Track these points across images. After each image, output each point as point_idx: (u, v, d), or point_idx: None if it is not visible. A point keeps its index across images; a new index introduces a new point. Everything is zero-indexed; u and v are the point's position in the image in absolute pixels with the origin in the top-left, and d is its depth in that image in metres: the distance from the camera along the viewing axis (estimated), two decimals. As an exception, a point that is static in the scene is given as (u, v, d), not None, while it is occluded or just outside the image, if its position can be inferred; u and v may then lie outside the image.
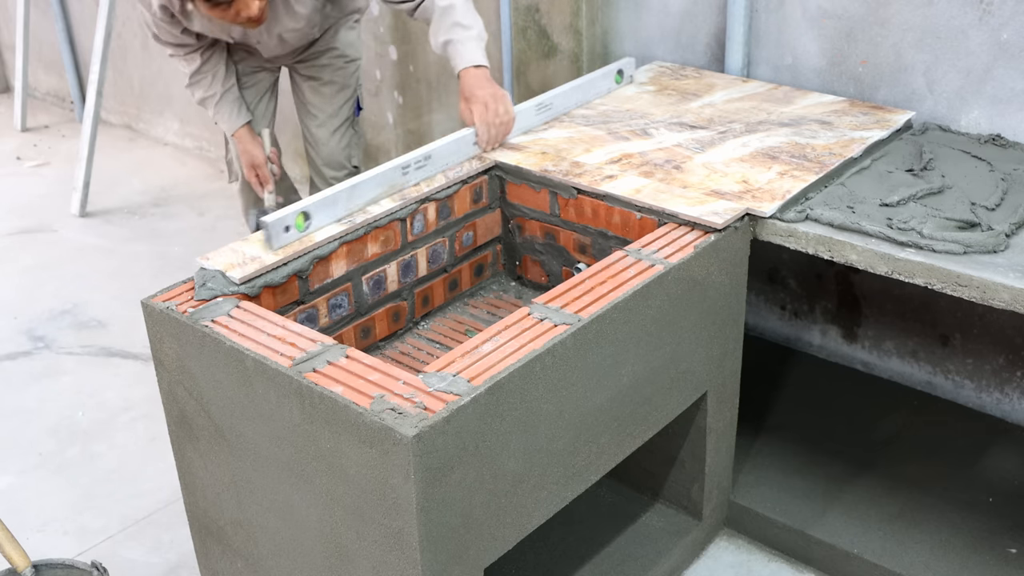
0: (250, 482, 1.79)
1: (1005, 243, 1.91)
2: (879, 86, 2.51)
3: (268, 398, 1.65)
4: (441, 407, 1.50)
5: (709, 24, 2.76)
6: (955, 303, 2.52)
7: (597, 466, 1.85)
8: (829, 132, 2.34)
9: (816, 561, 2.25)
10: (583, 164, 2.24)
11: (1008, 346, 2.49)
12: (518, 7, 3.13)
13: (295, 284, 1.95)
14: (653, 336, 1.87)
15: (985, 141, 2.33)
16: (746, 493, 2.35)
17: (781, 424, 2.55)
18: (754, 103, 2.52)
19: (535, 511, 1.74)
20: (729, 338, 2.11)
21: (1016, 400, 2.53)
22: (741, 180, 2.15)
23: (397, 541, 1.56)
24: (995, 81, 2.34)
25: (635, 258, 1.89)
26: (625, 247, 1.93)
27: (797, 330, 2.87)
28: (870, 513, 2.27)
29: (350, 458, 1.56)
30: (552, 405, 1.69)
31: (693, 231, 1.98)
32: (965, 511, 2.26)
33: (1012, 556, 2.14)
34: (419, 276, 2.21)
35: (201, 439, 1.84)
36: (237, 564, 1.94)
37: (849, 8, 2.49)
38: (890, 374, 2.72)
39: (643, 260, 1.88)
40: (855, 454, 2.44)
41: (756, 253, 2.10)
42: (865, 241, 1.95)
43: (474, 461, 1.57)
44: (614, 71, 2.65)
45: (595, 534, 2.27)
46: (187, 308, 1.78)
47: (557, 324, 1.69)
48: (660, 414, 1.98)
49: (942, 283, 1.86)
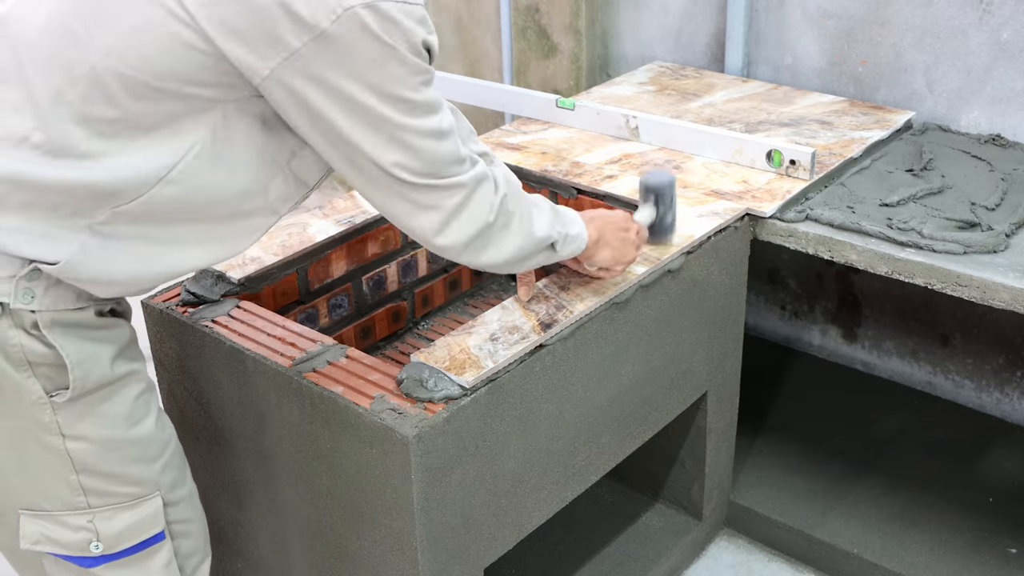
0: (250, 482, 1.79)
1: (1005, 243, 1.91)
2: (879, 86, 2.51)
3: (268, 398, 1.65)
4: (441, 407, 1.50)
5: (709, 24, 2.76)
6: (955, 303, 2.52)
7: (597, 466, 1.85)
8: (829, 132, 2.34)
9: (816, 561, 2.25)
10: (583, 164, 2.24)
11: (1008, 346, 2.49)
12: (518, 7, 3.13)
13: (295, 284, 1.95)
14: (653, 336, 1.87)
15: (985, 141, 2.33)
16: (746, 493, 2.35)
17: (781, 424, 2.55)
18: (754, 103, 2.52)
19: (535, 511, 1.74)
20: (729, 338, 2.11)
21: (1016, 400, 2.53)
22: (741, 180, 2.15)
23: (397, 541, 1.56)
24: (995, 81, 2.34)
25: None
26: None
27: (797, 330, 2.87)
28: (870, 513, 2.27)
29: (350, 458, 1.56)
30: (552, 405, 1.69)
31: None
32: (965, 511, 2.26)
33: (1012, 556, 2.14)
34: (419, 276, 2.21)
35: (201, 439, 1.84)
36: (237, 564, 1.94)
37: (849, 8, 2.49)
38: (890, 374, 2.72)
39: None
40: (855, 454, 2.44)
41: (756, 253, 2.10)
42: (865, 241, 1.95)
43: (474, 461, 1.57)
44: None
45: (595, 534, 2.27)
46: (187, 308, 1.78)
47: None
48: (660, 414, 1.98)
49: (942, 283, 1.86)
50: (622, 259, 1.73)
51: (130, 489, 1.43)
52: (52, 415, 1.34)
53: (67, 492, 1.39)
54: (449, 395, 1.52)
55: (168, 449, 1.48)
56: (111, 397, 1.39)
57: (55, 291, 1.31)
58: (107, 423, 1.39)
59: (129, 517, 1.43)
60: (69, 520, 1.41)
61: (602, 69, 3.07)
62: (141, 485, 1.44)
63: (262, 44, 1.19)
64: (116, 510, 1.42)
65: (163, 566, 1.49)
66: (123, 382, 1.40)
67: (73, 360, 1.32)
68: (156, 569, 1.49)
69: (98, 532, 1.42)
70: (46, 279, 1.30)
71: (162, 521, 1.46)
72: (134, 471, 1.42)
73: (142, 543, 1.46)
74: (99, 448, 1.39)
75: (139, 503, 1.44)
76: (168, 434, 1.50)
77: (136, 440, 1.42)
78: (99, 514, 1.41)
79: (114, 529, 1.42)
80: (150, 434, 1.44)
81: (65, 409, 1.35)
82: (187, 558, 1.55)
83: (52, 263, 1.27)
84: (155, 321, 1.81)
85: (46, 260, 1.27)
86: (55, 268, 1.27)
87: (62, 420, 1.35)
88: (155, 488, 1.45)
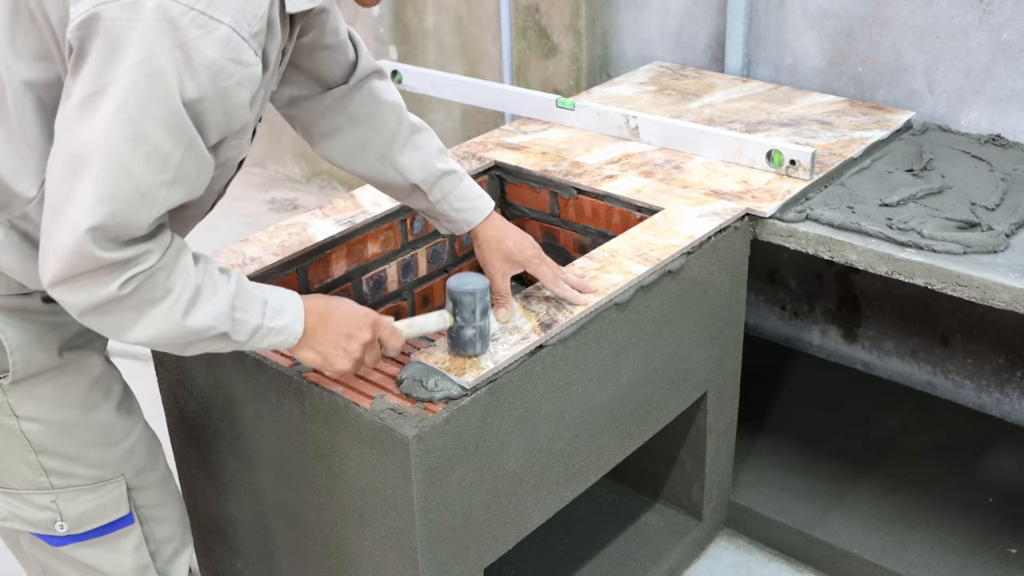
0: (250, 482, 1.79)
1: (1005, 243, 1.91)
2: (879, 86, 2.51)
3: (268, 398, 1.65)
4: (441, 407, 1.50)
5: (709, 24, 2.76)
6: (955, 303, 2.52)
7: (597, 466, 1.85)
8: (829, 132, 2.34)
9: (816, 561, 2.25)
10: (583, 164, 2.25)
11: (1008, 346, 2.49)
12: (518, 7, 3.13)
13: (295, 284, 1.95)
14: (653, 336, 1.87)
15: (985, 141, 2.33)
16: (746, 493, 2.35)
17: (781, 424, 2.56)
18: (754, 103, 2.52)
19: (535, 511, 1.74)
20: (729, 338, 2.11)
21: (1016, 400, 2.53)
22: (741, 180, 2.15)
23: (397, 541, 1.56)
24: (995, 81, 2.34)
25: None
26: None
27: (797, 330, 2.87)
28: (870, 513, 2.27)
29: (350, 458, 1.56)
30: (552, 405, 1.69)
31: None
32: (965, 511, 2.26)
33: (1012, 556, 2.15)
34: (419, 276, 2.21)
35: (201, 439, 1.84)
36: (237, 564, 1.94)
37: (849, 8, 2.49)
38: (890, 374, 2.72)
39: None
40: (855, 454, 2.44)
41: (756, 253, 2.10)
42: (865, 241, 1.95)
43: (474, 461, 1.57)
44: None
45: (595, 534, 2.27)
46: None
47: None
48: (660, 414, 1.98)
49: (942, 283, 1.86)
50: (326, 366, 1.45)
51: (91, 472, 1.46)
52: (3, 396, 1.39)
53: (29, 472, 1.43)
54: (449, 395, 1.52)
55: (132, 435, 1.51)
56: (61, 380, 1.42)
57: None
58: (59, 405, 1.42)
59: (92, 499, 1.47)
60: (34, 499, 1.45)
61: (602, 69, 3.07)
62: (102, 468, 1.47)
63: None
64: (78, 491, 1.46)
65: (133, 549, 1.52)
66: (76, 367, 1.43)
67: (12, 344, 1.36)
68: (126, 552, 1.52)
69: (61, 512, 1.45)
70: None
71: (127, 505, 1.50)
72: (93, 454, 1.46)
73: (108, 525, 1.49)
74: (53, 430, 1.42)
75: (101, 486, 1.47)
76: (133, 420, 1.53)
77: (93, 424, 1.46)
78: (62, 494, 1.45)
79: (77, 510, 1.46)
80: (109, 419, 1.48)
81: (14, 391, 1.39)
82: (162, 544, 1.58)
83: None
84: (155, 321, 1.81)
85: None
86: None
87: (12, 401, 1.39)
88: (117, 472, 1.48)
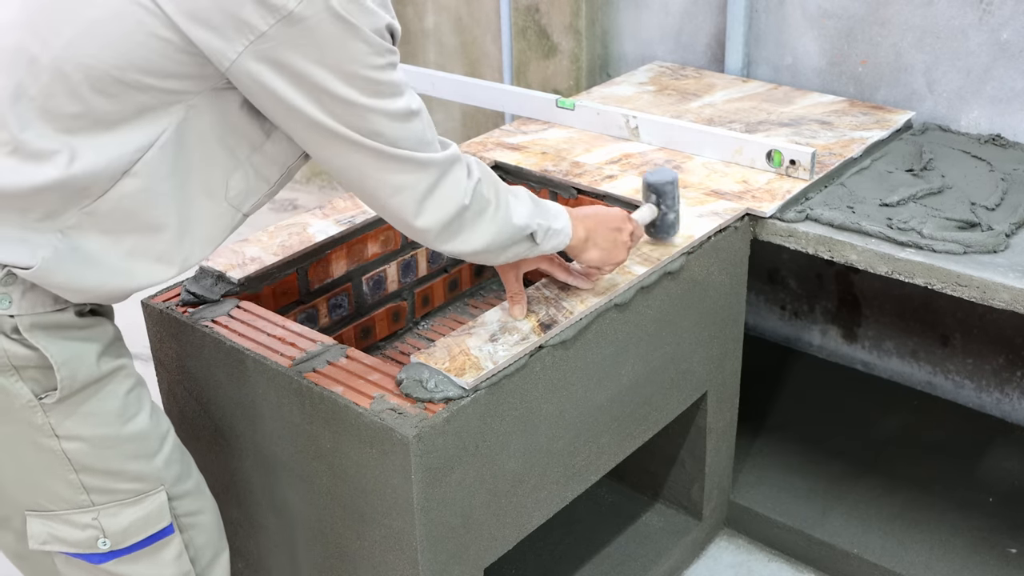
0: (250, 482, 1.79)
1: (1005, 243, 1.91)
2: (879, 86, 2.51)
3: (268, 398, 1.65)
4: (441, 407, 1.50)
5: (709, 24, 2.76)
6: (955, 303, 2.52)
7: (597, 466, 1.85)
8: (829, 132, 2.34)
9: (816, 561, 2.25)
10: (583, 164, 2.25)
11: (1008, 346, 2.49)
12: (518, 7, 3.13)
13: (295, 284, 1.95)
14: (653, 336, 1.87)
15: (985, 141, 2.33)
16: (746, 493, 2.35)
17: (781, 424, 2.56)
18: (754, 103, 2.52)
19: (535, 511, 1.74)
20: (729, 338, 2.11)
21: (1016, 400, 2.53)
22: (741, 180, 2.15)
23: (397, 541, 1.56)
24: (995, 81, 2.34)
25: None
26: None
27: (797, 330, 2.87)
28: (870, 513, 2.27)
29: (350, 458, 1.56)
30: (552, 405, 1.69)
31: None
32: (965, 511, 2.26)
33: (1012, 556, 2.15)
34: (419, 276, 2.21)
35: (201, 439, 1.84)
36: (237, 564, 1.94)
37: (849, 8, 2.49)
38: (890, 374, 2.72)
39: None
40: (855, 454, 2.44)
41: (756, 253, 2.10)
42: (865, 241, 1.95)
43: (474, 461, 1.57)
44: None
45: (595, 534, 2.27)
46: (187, 308, 1.78)
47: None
48: (660, 414, 1.98)
49: (942, 283, 1.86)
50: (610, 260, 1.69)
51: (132, 485, 1.42)
52: (44, 417, 1.34)
53: (69, 491, 1.39)
54: (449, 396, 1.52)
55: (167, 443, 1.48)
56: (101, 394, 1.39)
57: (32, 295, 1.30)
58: (100, 421, 1.39)
59: (134, 513, 1.43)
60: (74, 519, 1.41)
61: (602, 69, 3.07)
62: (143, 481, 1.44)
63: (229, 28, 1.19)
64: (120, 506, 1.42)
65: (174, 559, 1.49)
66: (111, 378, 1.40)
67: (58, 360, 1.32)
68: (167, 562, 1.49)
69: (104, 529, 1.42)
70: (22, 283, 1.29)
71: (168, 515, 1.46)
72: (134, 467, 1.42)
73: (150, 537, 1.46)
74: (95, 446, 1.39)
75: (143, 498, 1.44)
76: (165, 428, 1.49)
77: (131, 436, 1.42)
78: (104, 511, 1.41)
79: (120, 525, 1.42)
80: (145, 429, 1.44)
81: (56, 410, 1.35)
82: (200, 551, 1.55)
83: (26, 267, 1.27)
84: (155, 321, 1.81)
85: (20, 265, 1.27)
86: (29, 272, 1.27)
87: (54, 421, 1.35)
88: (158, 483, 1.45)
